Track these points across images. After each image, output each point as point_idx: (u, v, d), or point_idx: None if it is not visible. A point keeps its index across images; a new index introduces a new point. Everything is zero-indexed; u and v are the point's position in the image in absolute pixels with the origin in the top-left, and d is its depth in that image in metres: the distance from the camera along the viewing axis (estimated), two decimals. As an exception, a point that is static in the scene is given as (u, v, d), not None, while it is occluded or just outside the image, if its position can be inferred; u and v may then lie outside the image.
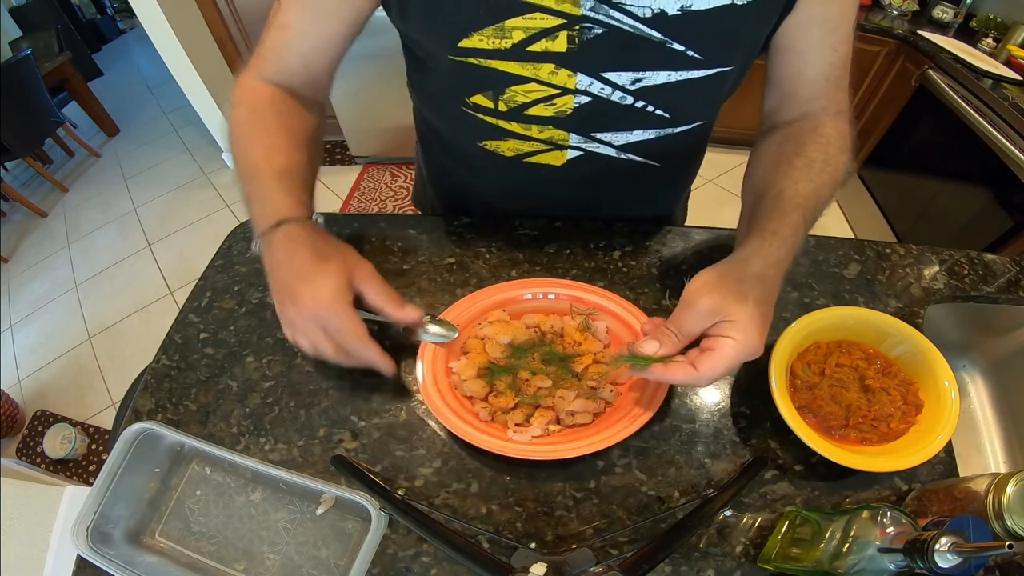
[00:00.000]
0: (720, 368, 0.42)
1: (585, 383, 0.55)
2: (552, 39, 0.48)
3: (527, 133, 0.58)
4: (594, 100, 0.53)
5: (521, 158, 0.62)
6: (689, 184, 0.83)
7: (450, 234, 0.75)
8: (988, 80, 1.70)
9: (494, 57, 0.50)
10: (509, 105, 0.55)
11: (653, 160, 0.63)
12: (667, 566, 0.46)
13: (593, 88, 0.52)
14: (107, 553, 0.48)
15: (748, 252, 0.46)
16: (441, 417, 0.52)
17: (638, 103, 0.54)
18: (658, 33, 0.47)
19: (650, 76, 0.51)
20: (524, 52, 0.49)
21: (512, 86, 0.52)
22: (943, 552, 0.31)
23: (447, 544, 0.43)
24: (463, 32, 0.48)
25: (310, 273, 0.46)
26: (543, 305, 0.63)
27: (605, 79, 0.51)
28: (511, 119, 0.57)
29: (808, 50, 0.53)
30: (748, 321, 0.42)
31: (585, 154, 0.60)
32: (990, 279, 0.68)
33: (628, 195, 0.72)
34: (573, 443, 0.50)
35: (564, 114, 0.55)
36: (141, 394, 0.61)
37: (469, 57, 0.50)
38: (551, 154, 0.61)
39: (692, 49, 0.48)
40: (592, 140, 0.59)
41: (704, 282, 0.44)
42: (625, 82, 0.51)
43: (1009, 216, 1.57)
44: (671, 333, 0.45)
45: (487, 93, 0.54)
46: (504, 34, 0.47)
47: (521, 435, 0.51)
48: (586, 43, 0.48)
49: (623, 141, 0.59)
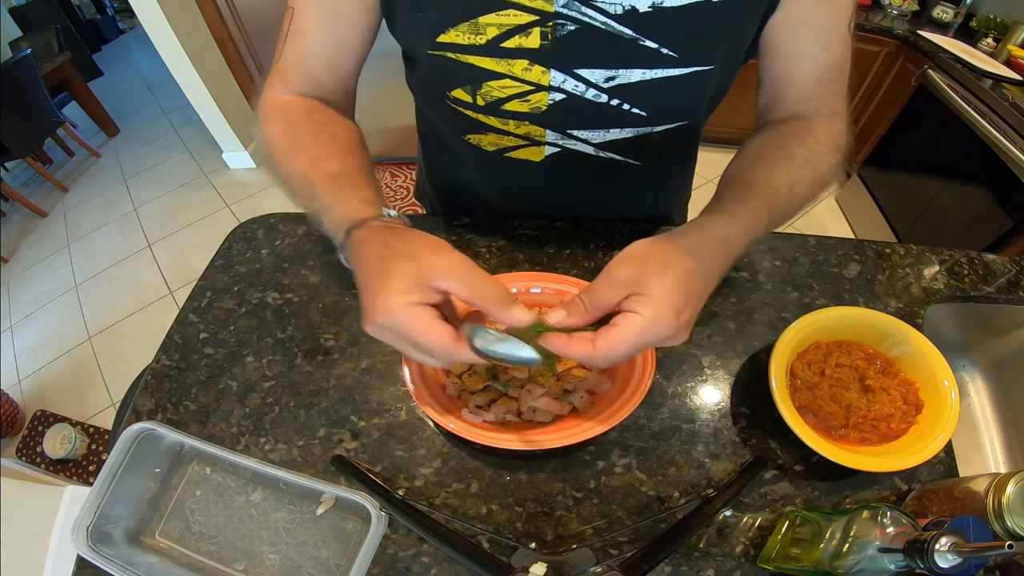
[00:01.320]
0: (620, 347, 0.36)
1: (561, 385, 0.55)
2: (526, 35, 0.48)
3: (505, 128, 0.58)
4: (568, 97, 0.53)
5: (502, 152, 0.63)
6: (681, 186, 0.81)
7: (450, 234, 0.75)
8: (988, 80, 1.70)
9: (469, 52, 0.50)
10: (486, 100, 0.55)
11: (633, 159, 0.62)
12: (667, 566, 0.46)
13: (567, 85, 0.52)
14: (107, 553, 0.48)
15: (689, 226, 0.43)
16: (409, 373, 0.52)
17: (613, 101, 0.53)
18: (629, 30, 0.47)
19: (624, 74, 0.50)
20: (498, 48, 0.49)
21: (488, 81, 0.53)
22: (943, 552, 0.31)
23: (447, 544, 0.43)
24: (440, 28, 0.49)
25: (375, 279, 0.39)
26: (553, 302, 0.63)
27: (579, 76, 0.51)
28: (488, 114, 0.57)
29: (797, 51, 0.51)
30: (663, 296, 0.36)
31: (563, 151, 0.60)
32: (990, 279, 0.68)
33: (612, 194, 0.71)
34: (512, 435, 0.50)
35: (539, 110, 0.55)
36: (141, 394, 0.61)
37: (447, 52, 0.50)
38: (529, 150, 0.61)
39: (666, 47, 0.48)
40: (569, 137, 0.58)
41: (629, 251, 0.39)
42: (599, 79, 0.51)
43: (1009, 216, 1.57)
44: (580, 303, 0.39)
45: (466, 88, 0.54)
46: (479, 30, 0.48)
47: (474, 416, 0.52)
48: (559, 40, 0.48)
49: (600, 139, 0.58)
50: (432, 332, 0.37)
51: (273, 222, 0.80)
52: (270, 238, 0.77)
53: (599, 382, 0.55)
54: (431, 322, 0.37)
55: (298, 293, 0.70)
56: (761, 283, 0.67)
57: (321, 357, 0.63)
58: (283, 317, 0.67)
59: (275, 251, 0.76)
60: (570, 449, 0.53)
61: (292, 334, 0.65)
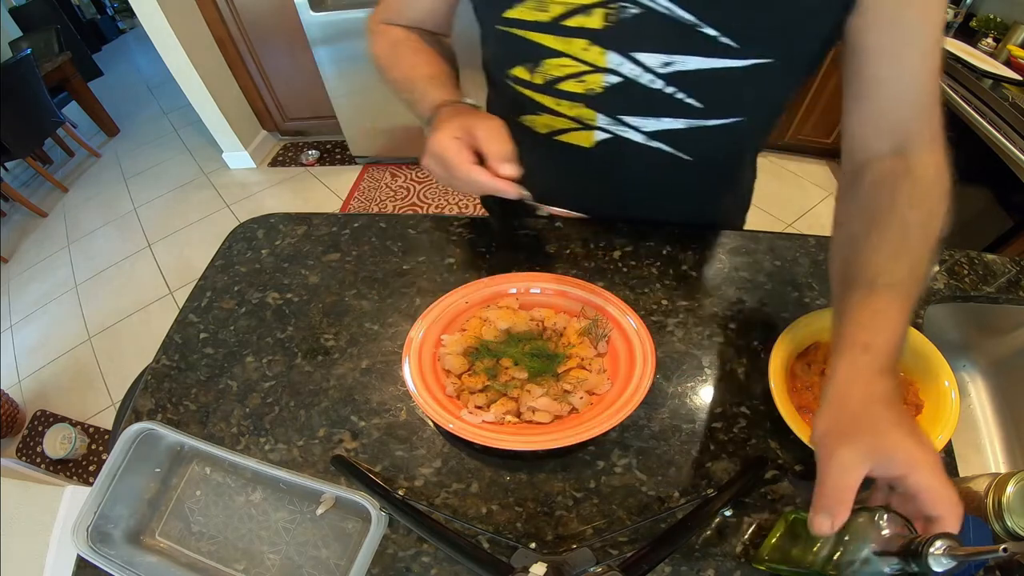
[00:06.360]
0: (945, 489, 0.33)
1: (561, 385, 0.55)
2: (588, 15, 0.50)
3: (558, 108, 0.60)
4: (624, 81, 0.54)
5: (553, 135, 0.63)
6: (734, 190, 0.76)
7: (450, 234, 0.75)
8: (988, 80, 1.69)
9: (533, 29, 0.53)
10: (544, 78, 0.57)
11: (685, 153, 0.61)
12: (667, 566, 0.46)
13: (623, 68, 0.53)
14: (107, 553, 0.48)
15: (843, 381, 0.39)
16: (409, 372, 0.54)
17: (668, 88, 0.53)
18: (691, 16, 0.47)
19: (681, 60, 0.51)
20: (560, 26, 0.51)
21: (547, 59, 0.55)
22: (937, 556, 0.31)
23: (447, 544, 0.43)
24: (508, 3, 0.52)
25: (440, 126, 0.51)
26: (556, 303, 0.63)
27: (636, 60, 0.52)
28: (544, 92, 0.59)
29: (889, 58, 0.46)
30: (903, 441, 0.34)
31: (614, 138, 0.61)
32: (990, 279, 0.68)
33: (661, 189, 0.69)
34: (512, 435, 0.50)
35: (593, 92, 0.56)
36: (141, 394, 0.61)
37: (513, 27, 0.54)
38: (580, 134, 0.62)
39: (726, 35, 0.48)
40: (620, 123, 0.59)
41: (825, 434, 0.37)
42: (655, 65, 0.52)
43: (1009, 216, 1.57)
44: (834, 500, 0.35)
45: (526, 65, 0.57)
46: (543, 7, 0.51)
47: (473, 416, 0.52)
48: (621, 22, 0.49)
49: (652, 128, 0.58)
50: (459, 157, 0.48)
51: (273, 222, 0.80)
52: (270, 238, 0.77)
53: (599, 382, 0.55)
54: (461, 151, 0.48)
55: (298, 293, 0.70)
56: (761, 283, 0.67)
57: (321, 357, 0.63)
58: (283, 317, 0.67)
59: (275, 251, 0.76)
60: (570, 449, 0.53)
61: (292, 334, 0.65)
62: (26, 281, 2.46)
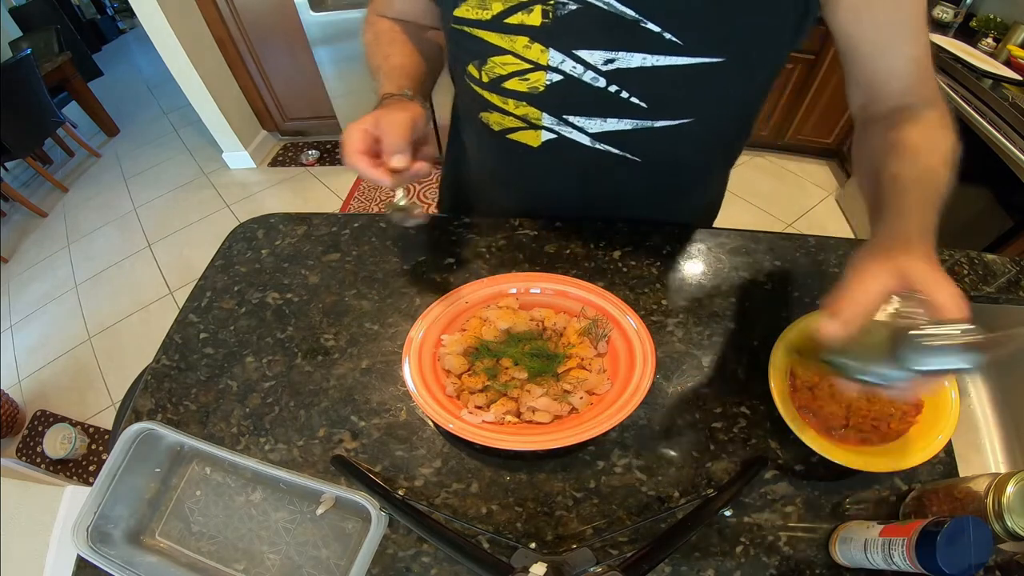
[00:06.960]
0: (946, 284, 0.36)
1: (561, 385, 0.55)
2: (528, 12, 0.49)
3: (505, 107, 0.59)
4: (566, 79, 0.53)
5: (504, 133, 0.63)
6: (691, 192, 0.74)
7: (450, 234, 0.75)
8: (988, 80, 1.69)
9: (478, 27, 0.52)
10: (490, 76, 0.57)
11: (633, 155, 0.60)
12: (667, 566, 0.46)
13: (565, 66, 0.52)
14: (107, 553, 0.48)
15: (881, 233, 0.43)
16: (409, 372, 0.54)
17: (611, 87, 0.52)
18: (632, 11, 0.47)
19: (624, 57, 0.50)
20: (502, 23, 0.51)
21: (492, 57, 0.54)
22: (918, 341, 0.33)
23: (447, 544, 0.43)
24: (456, 1, 0.52)
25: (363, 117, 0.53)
26: (556, 303, 0.63)
27: (577, 57, 0.51)
28: (491, 90, 0.58)
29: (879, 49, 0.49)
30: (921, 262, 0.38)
31: (559, 138, 0.60)
32: (990, 279, 0.68)
33: (606, 192, 0.69)
34: (512, 435, 0.50)
35: (537, 91, 0.55)
36: (141, 394, 0.61)
37: (463, 26, 0.53)
38: (528, 133, 0.61)
39: (669, 31, 0.47)
40: (565, 124, 0.58)
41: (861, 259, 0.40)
42: (597, 62, 0.51)
43: (1009, 216, 1.57)
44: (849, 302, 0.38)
45: (475, 63, 0.57)
46: (485, 5, 0.51)
47: (473, 417, 0.52)
48: (560, 18, 0.49)
49: (597, 129, 0.58)
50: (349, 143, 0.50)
51: (273, 222, 0.80)
52: (270, 238, 0.77)
53: (599, 382, 0.55)
54: (357, 140, 0.50)
55: (298, 293, 0.70)
56: (761, 283, 0.67)
57: (321, 357, 0.63)
58: (283, 317, 0.67)
59: (275, 251, 0.76)
60: (570, 449, 0.53)
61: (292, 334, 0.65)
62: (26, 281, 2.46)
